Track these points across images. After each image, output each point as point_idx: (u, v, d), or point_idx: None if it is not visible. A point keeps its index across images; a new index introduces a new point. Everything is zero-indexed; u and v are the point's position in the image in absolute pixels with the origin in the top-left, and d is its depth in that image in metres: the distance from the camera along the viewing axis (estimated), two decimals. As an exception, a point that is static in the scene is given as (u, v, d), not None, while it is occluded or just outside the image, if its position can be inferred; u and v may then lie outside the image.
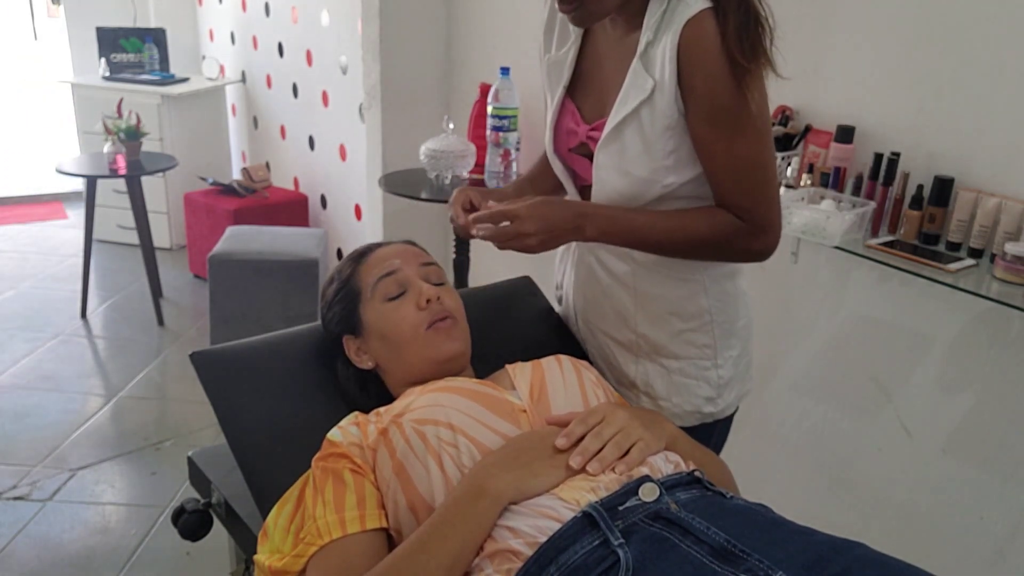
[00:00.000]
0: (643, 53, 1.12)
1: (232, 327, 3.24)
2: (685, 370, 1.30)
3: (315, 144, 4.07)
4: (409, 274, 1.18)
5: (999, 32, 1.56)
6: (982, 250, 1.62)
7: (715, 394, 1.31)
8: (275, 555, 0.98)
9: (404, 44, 2.92)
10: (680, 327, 1.27)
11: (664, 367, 1.30)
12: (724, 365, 1.31)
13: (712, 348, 1.29)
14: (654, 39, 1.11)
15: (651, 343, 1.29)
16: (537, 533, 0.85)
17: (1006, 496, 1.68)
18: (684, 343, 1.28)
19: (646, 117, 1.13)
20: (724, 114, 1.09)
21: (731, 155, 1.12)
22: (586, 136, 1.25)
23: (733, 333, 1.31)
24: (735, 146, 1.11)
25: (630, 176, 1.18)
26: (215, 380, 1.22)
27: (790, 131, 1.88)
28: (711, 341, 1.29)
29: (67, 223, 5.08)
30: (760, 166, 1.14)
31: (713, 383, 1.31)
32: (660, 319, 1.28)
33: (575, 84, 1.28)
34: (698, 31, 1.06)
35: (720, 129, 1.11)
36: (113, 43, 4.51)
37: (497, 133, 2.52)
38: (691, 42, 1.07)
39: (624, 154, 1.17)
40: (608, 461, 0.93)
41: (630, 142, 1.16)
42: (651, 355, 1.30)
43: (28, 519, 2.38)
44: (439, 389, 1.05)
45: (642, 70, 1.13)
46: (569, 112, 1.28)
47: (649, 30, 1.11)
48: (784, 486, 2.11)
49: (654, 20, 1.10)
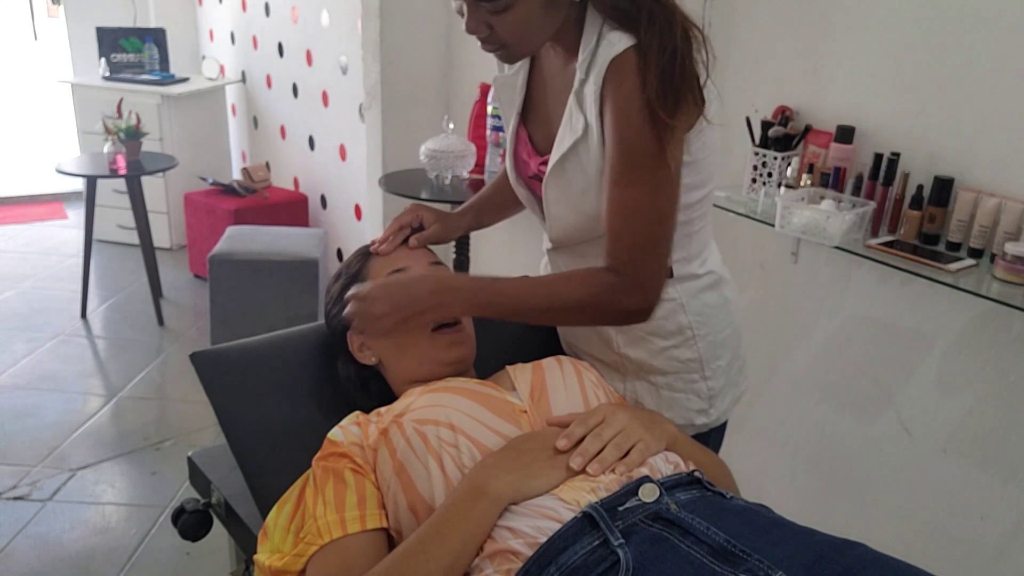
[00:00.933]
0: (577, 91, 1.10)
1: (232, 327, 3.24)
2: (673, 384, 1.28)
3: (315, 144, 4.07)
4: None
5: (999, 32, 1.56)
6: (982, 250, 1.62)
7: (706, 405, 1.29)
8: (275, 555, 0.98)
9: (404, 44, 2.92)
10: (662, 345, 1.25)
11: (652, 383, 1.28)
12: (713, 376, 1.28)
13: (698, 361, 1.26)
14: (585, 78, 1.08)
15: (635, 363, 1.28)
16: (537, 533, 0.85)
17: (1006, 496, 1.68)
18: (668, 359, 1.26)
19: (584, 156, 1.11)
20: (627, 159, 1.05)
21: (622, 202, 1.07)
22: (537, 168, 1.23)
23: (718, 344, 1.28)
24: (628, 193, 1.06)
25: (579, 212, 1.16)
26: (215, 380, 1.22)
27: (790, 131, 1.88)
28: (696, 355, 1.26)
29: (67, 223, 5.08)
30: (650, 221, 1.07)
31: (703, 395, 1.29)
32: (640, 339, 1.25)
33: (527, 109, 1.26)
34: (618, 71, 1.03)
35: (619, 172, 1.06)
36: (113, 43, 4.51)
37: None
38: (610, 79, 1.04)
39: (569, 191, 1.15)
40: (608, 462, 0.93)
41: (573, 178, 1.14)
42: (637, 373, 1.29)
43: (28, 519, 2.38)
44: (440, 389, 1.05)
45: (577, 108, 1.10)
46: (522, 141, 1.26)
47: (581, 68, 1.08)
48: (784, 486, 2.11)
49: (585, 58, 1.08)
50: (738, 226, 2.00)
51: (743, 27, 1.96)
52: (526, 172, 1.27)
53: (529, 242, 2.81)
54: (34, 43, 10.30)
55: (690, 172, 1.12)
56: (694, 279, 1.24)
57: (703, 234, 1.25)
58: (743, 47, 1.98)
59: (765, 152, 1.90)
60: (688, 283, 1.24)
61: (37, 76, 8.97)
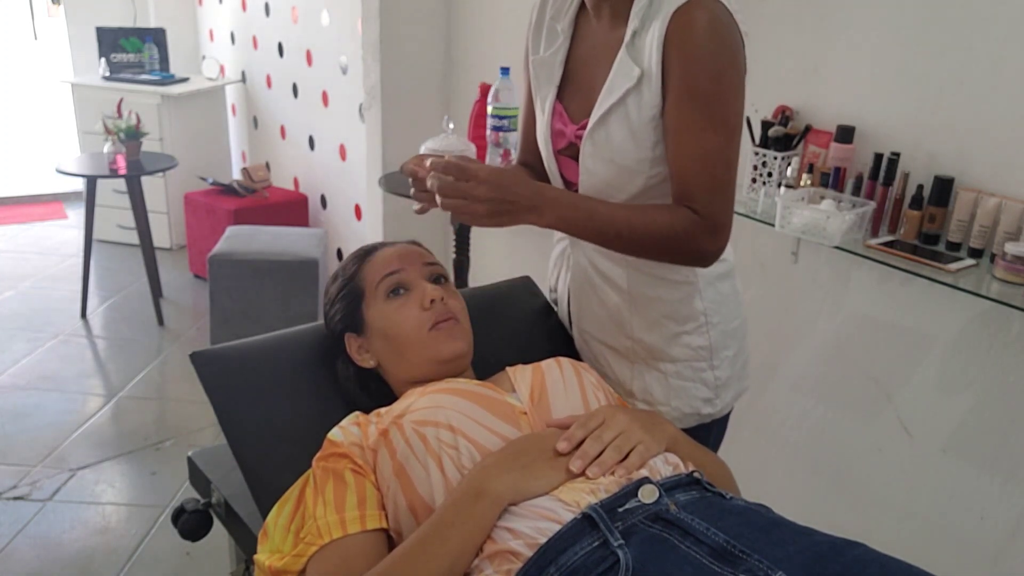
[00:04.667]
0: (629, 43, 1.12)
1: (232, 327, 3.24)
2: (682, 373, 1.29)
3: (315, 144, 4.07)
4: (413, 274, 1.18)
5: (999, 32, 1.56)
6: (982, 250, 1.62)
7: (713, 395, 1.31)
8: (275, 555, 0.98)
9: (404, 44, 2.92)
10: (676, 330, 1.27)
11: (661, 371, 1.30)
12: (720, 366, 1.30)
13: (708, 350, 1.28)
14: (641, 28, 1.11)
15: (647, 348, 1.29)
16: (537, 534, 0.85)
17: (1006, 496, 1.68)
18: (680, 346, 1.28)
19: (633, 106, 1.13)
20: (702, 103, 1.08)
21: (700, 146, 1.10)
22: (574, 135, 1.23)
23: (728, 334, 1.30)
24: (706, 137, 1.09)
25: (615, 165, 1.17)
26: (215, 380, 1.22)
27: (790, 131, 1.88)
28: (707, 343, 1.28)
29: (67, 223, 5.08)
30: (725, 163, 1.12)
31: (710, 384, 1.30)
32: (655, 323, 1.27)
33: (562, 85, 1.27)
34: (686, 19, 1.07)
35: (695, 117, 1.09)
36: (113, 43, 4.51)
37: (497, 133, 2.52)
38: (678, 30, 1.07)
39: (610, 143, 1.16)
40: (608, 465, 0.93)
41: (616, 131, 1.15)
42: (647, 360, 1.30)
43: (28, 519, 2.38)
44: (440, 390, 1.04)
45: (628, 60, 1.12)
46: (557, 113, 1.27)
47: (636, 18, 1.11)
48: (784, 486, 2.11)
49: (640, 8, 1.11)
50: (738, 226, 1.98)
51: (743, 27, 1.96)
52: (558, 144, 1.27)
53: (529, 242, 2.80)
54: (34, 43, 10.30)
55: None
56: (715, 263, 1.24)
57: None
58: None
59: (765, 152, 1.90)
60: (705, 270, 1.25)
61: (37, 76, 8.97)
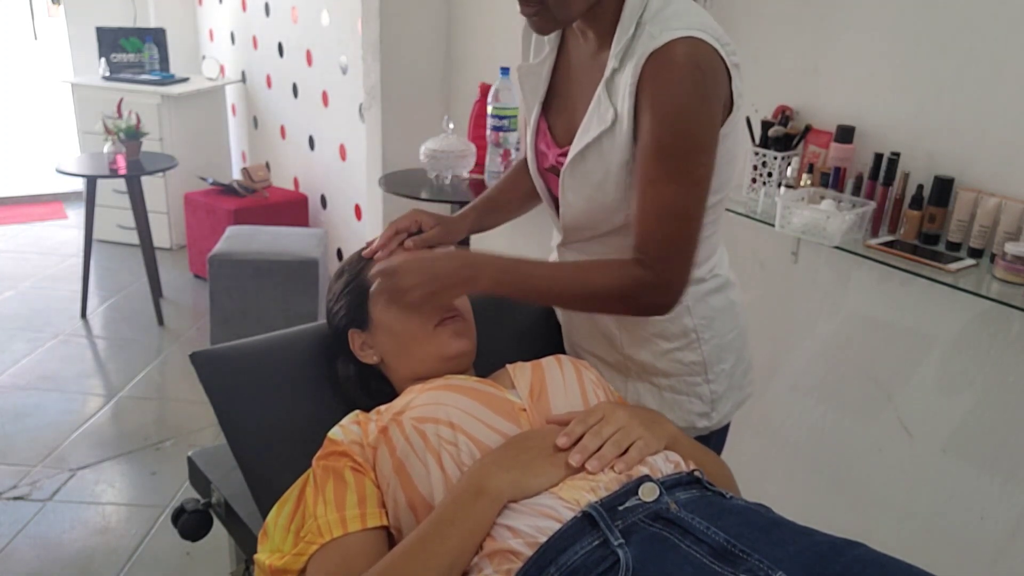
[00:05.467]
0: (608, 80, 1.10)
1: (232, 327, 3.24)
2: (676, 387, 1.28)
3: (315, 144, 4.07)
4: None
5: (999, 32, 1.56)
6: (982, 250, 1.62)
7: (708, 409, 1.29)
8: (275, 554, 0.98)
9: (404, 44, 2.92)
10: (666, 347, 1.25)
11: (654, 385, 1.29)
12: (716, 380, 1.28)
13: (701, 364, 1.26)
14: (619, 67, 1.08)
15: (638, 364, 1.28)
16: (537, 533, 0.85)
17: (1006, 496, 1.68)
18: (672, 361, 1.26)
19: (607, 147, 1.11)
20: (666, 156, 1.05)
21: (660, 199, 1.07)
22: (555, 160, 1.23)
23: (723, 347, 1.28)
24: (667, 191, 1.06)
25: (594, 201, 1.16)
26: (215, 380, 1.22)
27: (790, 131, 1.88)
28: (699, 358, 1.26)
29: (67, 223, 5.08)
30: (684, 218, 1.09)
31: (705, 398, 1.29)
32: (645, 340, 1.26)
33: (549, 99, 1.25)
34: (659, 64, 1.03)
35: (657, 170, 1.06)
36: (113, 43, 4.51)
37: (497, 133, 2.52)
38: (650, 76, 1.04)
39: (588, 180, 1.15)
40: (607, 459, 0.93)
41: (593, 169, 1.14)
42: (640, 374, 1.29)
43: (28, 519, 2.38)
44: (439, 387, 1.05)
45: (606, 98, 1.10)
46: (542, 132, 1.26)
47: (615, 57, 1.08)
48: (784, 486, 2.11)
49: (620, 47, 1.08)
50: (738, 226, 2.00)
51: (743, 27, 1.96)
52: (543, 163, 1.27)
53: (529, 246, 2.81)
54: (34, 43, 10.30)
55: None
56: (700, 283, 1.24)
57: (713, 240, 1.24)
58: (743, 47, 1.96)
59: (765, 152, 1.90)
60: (694, 287, 1.23)
61: (37, 76, 8.97)
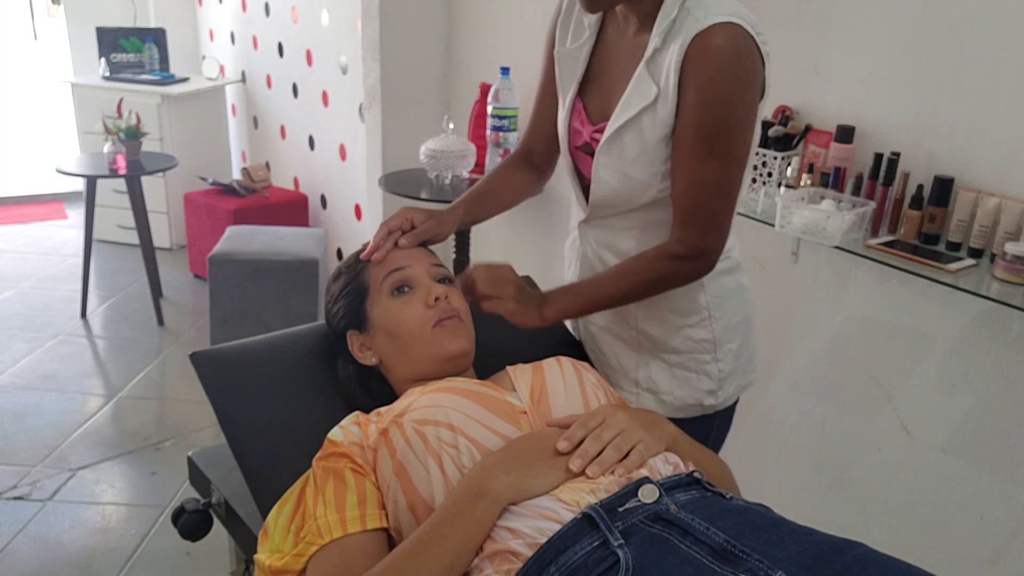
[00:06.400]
0: (650, 59, 1.15)
1: (232, 327, 3.24)
2: (686, 364, 1.33)
3: (315, 144, 4.07)
4: (418, 272, 1.18)
5: (999, 32, 1.56)
6: (982, 250, 1.62)
7: (716, 387, 1.35)
8: (275, 555, 0.98)
9: (404, 44, 2.92)
10: (679, 323, 1.31)
11: (665, 362, 1.34)
12: (724, 359, 1.34)
13: (711, 343, 1.32)
14: (662, 46, 1.13)
15: (651, 339, 1.33)
16: (537, 534, 0.85)
17: (1006, 496, 1.68)
18: (683, 338, 1.32)
19: (647, 123, 1.16)
20: (707, 134, 1.12)
21: (699, 176, 1.15)
22: (590, 137, 1.27)
23: (732, 328, 1.34)
24: (706, 167, 1.14)
25: (628, 178, 1.22)
26: (215, 380, 1.22)
27: (790, 131, 1.88)
28: (710, 336, 1.32)
29: (67, 223, 5.08)
30: (721, 194, 1.17)
31: (713, 376, 1.34)
32: (659, 316, 1.31)
33: (584, 81, 1.29)
34: (705, 45, 1.09)
35: (699, 147, 1.13)
36: (113, 43, 4.51)
37: (497, 133, 2.53)
38: (696, 56, 1.09)
39: (623, 156, 1.20)
40: (608, 464, 0.93)
41: (629, 146, 1.19)
42: (652, 351, 1.34)
43: (28, 519, 2.38)
44: (439, 390, 1.04)
45: (647, 76, 1.15)
46: (576, 111, 1.30)
47: (658, 36, 1.13)
48: (784, 486, 2.11)
49: (663, 27, 1.13)
50: (738, 226, 1.99)
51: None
52: (576, 141, 1.31)
53: (530, 243, 2.80)
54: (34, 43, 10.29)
55: None
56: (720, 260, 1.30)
57: None
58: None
59: (765, 152, 1.89)
60: None
61: (37, 76, 8.96)
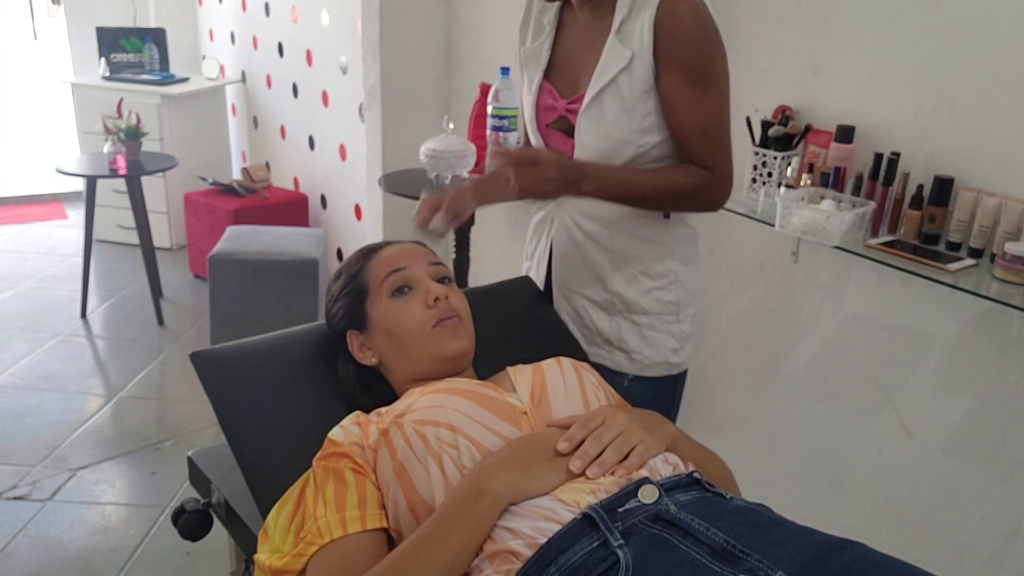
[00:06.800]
0: (618, 30, 1.31)
1: (232, 327, 3.24)
2: (654, 325, 1.46)
3: (315, 144, 4.07)
4: (418, 272, 1.18)
5: (999, 32, 1.56)
6: (982, 250, 1.62)
7: (679, 346, 1.49)
8: (275, 555, 0.98)
9: (404, 44, 2.92)
10: (649, 285, 1.44)
11: (635, 323, 1.47)
12: (685, 320, 1.49)
13: (676, 305, 1.47)
14: (628, 16, 1.30)
15: (624, 300, 1.46)
16: (537, 534, 0.85)
17: (1006, 496, 1.68)
18: (653, 300, 1.45)
19: (624, 84, 1.31)
20: (695, 77, 1.28)
21: (700, 113, 1.30)
22: (564, 109, 1.41)
23: (692, 293, 1.49)
24: (704, 107, 1.30)
25: (609, 138, 1.35)
26: (215, 380, 1.22)
27: (790, 131, 1.88)
28: (675, 299, 1.46)
29: (67, 223, 5.08)
30: (721, 125, 1.33)
31: (677, 336, 1.48)
32: (632, 278, 1.44)
33: (550, 69, 1.45)
34: (672, 7, 1.26)
35: (692, 90, 1.29)
36: (113, 43, 4.51)
37: (497, 133, 2.52)
38: (666, 16, 1.26)
39: (604, 118, 1.34)
40: (608, 465, 0.93)
41: (609, 108, 1.33)
42: (623, 312, 1.46)
43: (28, 519, 2.38)
44: (440, 390, 1.05)
45: (619, 44, 1.31)
46: (547, 92, 1.45)
47: (623, 7, 1.30)
48: (784, 486, 2.11)
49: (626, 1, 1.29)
50: (738, 226, 2.00)
51: (743, 27, 1.96)
52: (548, 119, 1.45)
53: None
54: (34, 43, 10.30)
55: None
56: (684, 228, 1.47)
57: None
58: (743, 47, 1.98)
59: (765, 152, 1.90)
60: (678, 231, 1.46)
61: (37, 76, 8.97)
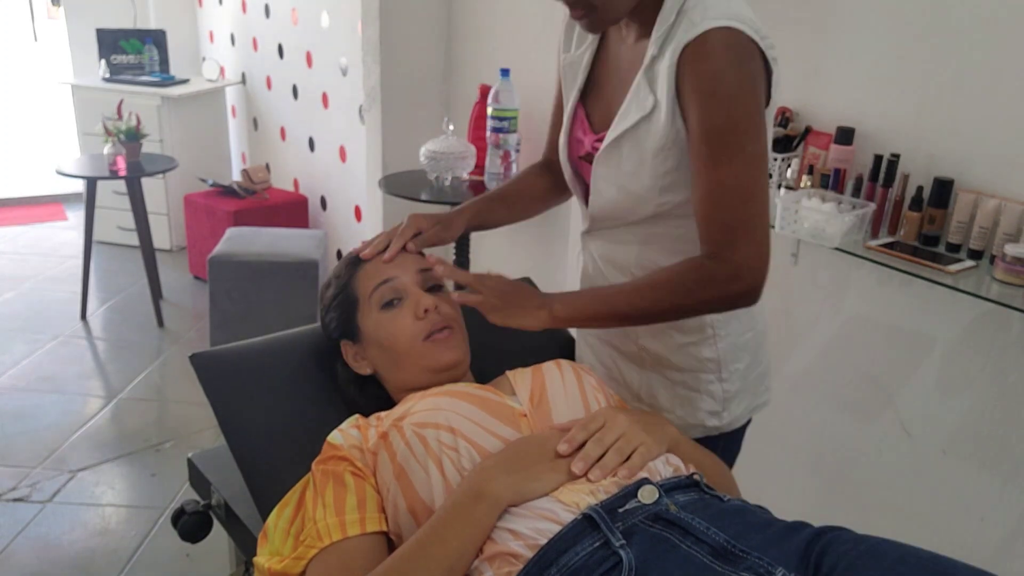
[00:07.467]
0: (648, 67, 1.10)
1: (232, 329, 3.24)
2: (688, 382, 1.26)
3: (315, 145, 4.07)
4: (406, 282, 1.17)
5: (999, 33, 1.56)
6: (982, 251, 1.62)
7: (719, 408, 1.27)
8: (275, 557, 0.98)
9: (404, 45, 2.92)
10: (681, 340, 1.24)
11: (667, 378, 1.28)
12: (729, 379, 1.26)
13: (716, 362, 1.25)
14: (659, 54, 1.09)
15: (653, 355, 1.27)
16: (537, 535, 0.85)
17: (1006, 497, 1.68)
18: (686, 356, 1.25)
19: (644, 134, 1.12)
20: (713, 138, 1.04)
21: (714, 183, 1.05)
22: (591, 146, 1.23)
23: (740, 346, 1.26)
24: (718, 173, 1.05)
25: (625, 191, 1.17)
26: (215, 381, 1.22)
27: (790, 133, 1.88)
28: (714, 355, 1.24)
29: (67, 224, 5.08)
30: (744, 199, 1.05)
31: (718, 397, 1.27)
32: (660, 332, 1.25)
33: (588, 88, 1.25)
34: (697, 50, 1.03)
35: (708, 153, 1.05)
36: (113, 44, 4.51)
37: (497, 135, 2.52)
38: (688, 61, 1.04)
39: (620, 168, 1.16)
40: (609, 467, 0.93)
41: (627, 157, 1.14)
42: (655, 366, 1.28)
43: (28, 521, 2.38)
44: (439, 394, 1.04)
45: (645, 85, 1.11)
46: (579, 119, 1.26)
47: (655, 44, 1.09)
48: (784, 486, 2.11)
49: (660, 34, 1.08)
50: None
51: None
52: (578, 151, 1.27)
53: (530, 244, 2.80)
54: (34, 44, 10.30)
55: None
56: None
57: None
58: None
59: (765, 153, 1.89)
60: None
61: (37, 77, 8.97)
